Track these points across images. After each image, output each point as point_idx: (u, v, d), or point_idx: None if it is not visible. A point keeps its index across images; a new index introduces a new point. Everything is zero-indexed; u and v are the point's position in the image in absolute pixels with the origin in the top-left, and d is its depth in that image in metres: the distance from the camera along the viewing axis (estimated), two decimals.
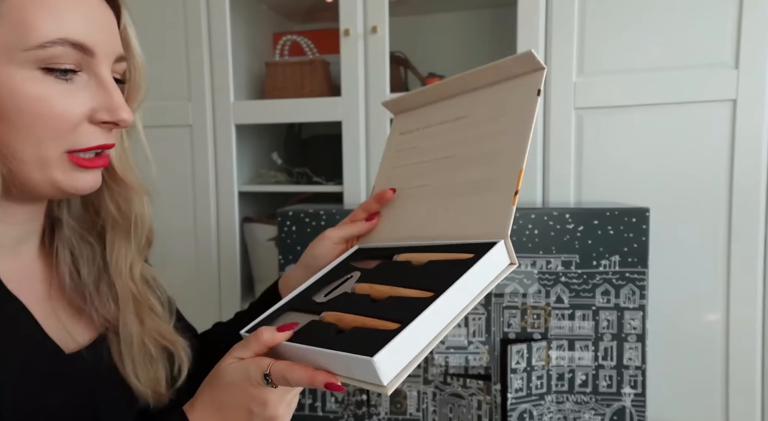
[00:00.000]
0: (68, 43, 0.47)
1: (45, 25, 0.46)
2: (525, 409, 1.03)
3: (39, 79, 0.47)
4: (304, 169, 1.43)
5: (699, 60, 1.09)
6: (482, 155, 0.56)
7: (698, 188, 1.11)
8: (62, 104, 0.48)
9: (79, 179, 0.51)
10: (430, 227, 0.58)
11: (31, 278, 0.57)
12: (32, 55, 0.46)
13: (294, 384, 0.46)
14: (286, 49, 1.41)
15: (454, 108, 0.62)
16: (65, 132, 0.49)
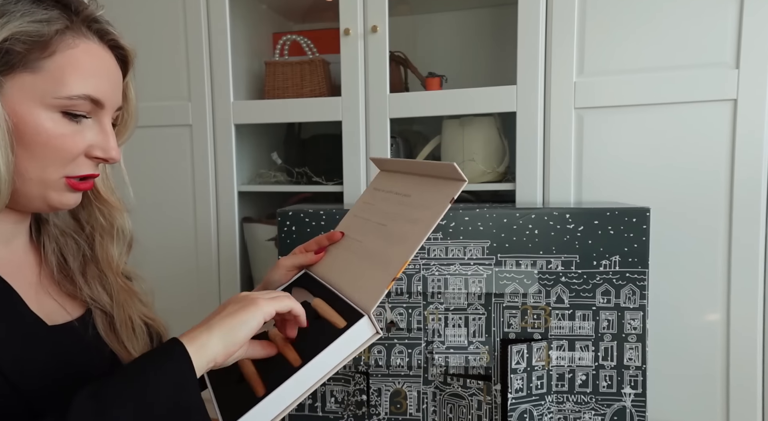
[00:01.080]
0: (89, 99, 0.60)
1: (75, 83, 0.59)
2: (525, 409, 1.03)
3: (58, 120, 0.60)
4: (304, 169, 1.43)
5: (699, 60, 1.09)
6: (396, 235, 0.68)
7: (699, 188, 1.11)
8: (71, 141, 0.61)
9: (66, 198, 0.63)
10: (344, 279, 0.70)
11: (22, 267, 0.67)
12: (60, 102, 0.59)
13: None
14: (286, 48, 1.41)
15: (409, 184, 0.74)
16: (67, 161, 0.61)
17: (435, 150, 1.39)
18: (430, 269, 1.06)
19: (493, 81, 1.25)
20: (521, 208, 1.06)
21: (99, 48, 0.62)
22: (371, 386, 1.08)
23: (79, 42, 0.60)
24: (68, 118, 0.60)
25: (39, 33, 0.57)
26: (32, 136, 0.58)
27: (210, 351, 0.55)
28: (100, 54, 0.62)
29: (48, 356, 0.62)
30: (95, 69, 0.61)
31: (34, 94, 0.58)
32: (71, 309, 0.69)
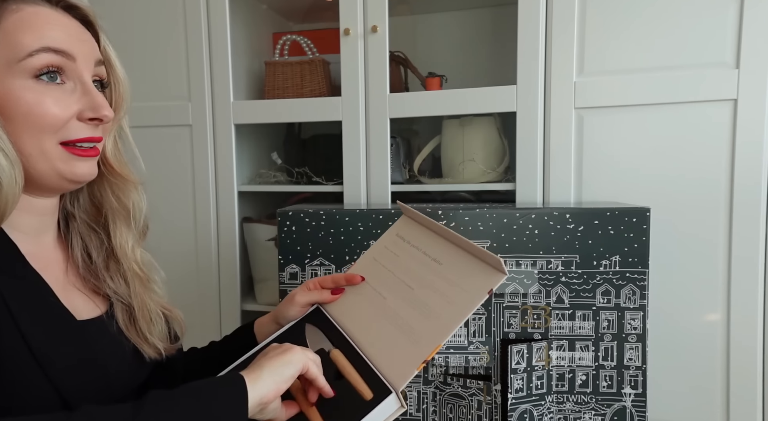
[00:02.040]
0: (50, 50, 0.59)
1: (30, 40, 0.59)
2: (525, 409, 1.03)
3: (33, 86, 0.59)
4: (304, 169, 1.43)
5: (699, 60, 1.09)
6: (427, 306, 0.67)
7: (699, 188, 1.11)
8: (54, 105, 0.60)
9: (77, 167, 0.63)
10: (364, 333, 0.70)
11: (50, 261, 0.68)
12: (24, 65, 0.58)
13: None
14: (286, 48, 1.41)
15: (441, 250, 0.73)
16: (58, 128, 0.60)
17: (435, 150, 1.39)
18: None
19: (493, 81, 1.25)
20: (521, 208, 1.06)
21: (49, 10, 0.62)
22: None
23: (24, 6, 0.60)
24: (43, 82, 0.59)
25: None
26: (14, 110, 0.58)
27: (263, 386, 0.57)
28: (52, 14, 0.61)
29: (76, 349, 0.63)
30: (48, 24, 0.60)
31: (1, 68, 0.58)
32: (97, 304, 0.71)
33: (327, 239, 1.10)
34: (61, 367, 0.60)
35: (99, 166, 0.68)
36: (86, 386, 0.63)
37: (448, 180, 1.32)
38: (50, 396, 0.59)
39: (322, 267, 1.11)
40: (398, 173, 1.33)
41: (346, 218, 1.09)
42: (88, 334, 0.66)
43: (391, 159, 1.27)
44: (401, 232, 0.81)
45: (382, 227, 1.08)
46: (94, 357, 0.65)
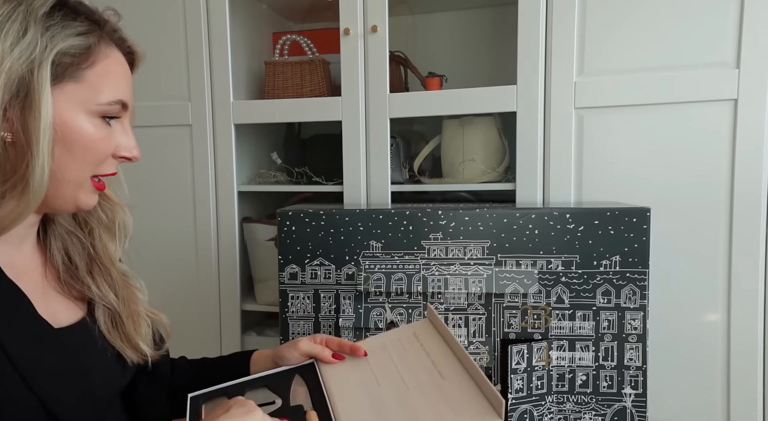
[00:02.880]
0: (121, 103, 0.66)
1: (111, 90, 0.65)
2: (525, 409, 1.03)
3: (98, 125, 0.65)
4: (304, 169, 1.42)
5: (700, 60, 1.09)
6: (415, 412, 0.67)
7: (699, 188, 1.11)
8: (106, 143, 0.66)
9: (92, 198, 0.68)
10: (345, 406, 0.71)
11: (29, 268, 0.69)
12: (100, 108, 0.64)
13: None
14: (286, 48, 1.41)
15: (449, 365, 0.73)
16: (100, 162, 0.66)
17: (435, 150, 1.39)
18: (430, 269, 1.06)
19: (493, 81, 1.25)
20: (521, 209, 1.06)
21: (121, 55, 0.68)
22: None
23: (110, 52, 0.66)
24: (105, 122, 0.65)
25: (83, 46, 0.63)
26: (77, 141, 0.63)
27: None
28: (123, 61, 0.69)
29: (56, 357, 0.64)
30: (122, 75, 0.68)
31: (78, 102, 0.63)
32: (76, 310, 0.72)
33: (327, 239, 1.10)
34: (42, 374, 0.61)
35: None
36: (68, 392, 0.64)
37: (448, 180, 1.32)
38: (32, 404, 0.60)
39: (321, 267, 1.11)
40: (398, 173, 1.32)
41: (346, 217, 1.09)
42: (67, 341, 0.67)
43: (391, 159, 1.27)
44: (418, 332, 0.82)
45: (382, 227, 1.08)
46: (75, 364, 0.66)
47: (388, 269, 1.07)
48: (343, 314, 1.08)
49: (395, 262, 1.08)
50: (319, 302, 1.11)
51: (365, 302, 1.07)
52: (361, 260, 1.09)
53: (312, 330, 1.11)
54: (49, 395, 0.61)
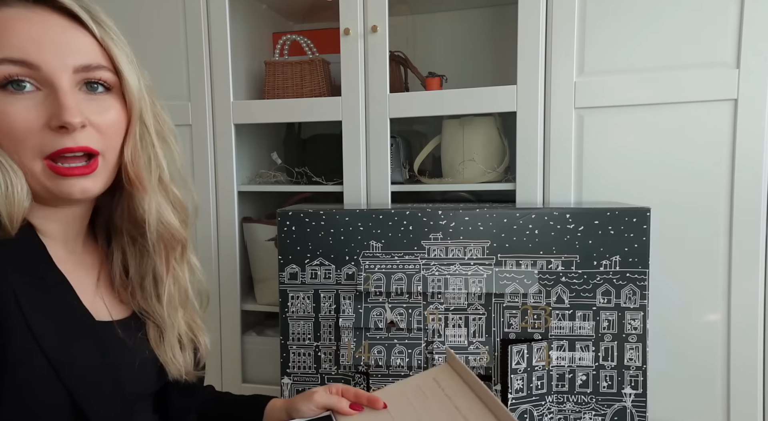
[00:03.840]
0: (9, 62, 0.56)
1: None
2: (525, 409, 1.03)
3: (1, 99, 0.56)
4: (304, 169, 1.42)
5: (700, 59, 1.09)
6: None
7: (699, 188, 1.11)
8: (19, 117, 0.56)
9: (64, 186, 0.59)
10: None
11: (79, 267, 0.68)
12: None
13: None
14: (286, 48, 1.41)
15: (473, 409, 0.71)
16: (30, 142, 0.57)
17: (435, 150, 1.39)
18: (430, 269, 1.06)
19: (493, 81, 1.25)
20: (521, 209, 1.06)
21: (20, 10, 0.58)
22: (371, 387, 1.08)
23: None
24: (10, 92, 0.56)
25: None
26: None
27: None
28: (22, 15, 0.57)
29: (91, 348, 0.62)
30: (12, 30, 0.56)
31: None
32: (122, 309, 0.71)
33: (327, 239, 1.10)
34: (74, 367, 0.59)
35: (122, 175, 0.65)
36: (98, 387, 0.62)
37: (448, 180, 1.32)
38: (60, 395, 0.58)
39: (322, 267, 1.11)
40: (398, 173, 1.32)
41: (346, 217, 1.09)
42: (105, 335, 0.65)
43: (391, 159, 1.27)
44: (438, 377, 0.79)
45: (382, 227, 1.08)
46: (110, 359, 0.64)
47: (388, 269, 1.07)
48: (343, 314, 1.08)
49: (395, 262, 1.08)
50: (319, 302, 1.11)
51: (365, 302, 1.07)
52: (361, 260, 1.09)
53: (312, 330, 1.11)
54: (77, 386, 0.59)
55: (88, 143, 0.60)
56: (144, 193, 0.66)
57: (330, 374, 1.11)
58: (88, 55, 0.60)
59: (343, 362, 1.08)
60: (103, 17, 0.62)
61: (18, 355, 0.56)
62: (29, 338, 0.56)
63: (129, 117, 0.64)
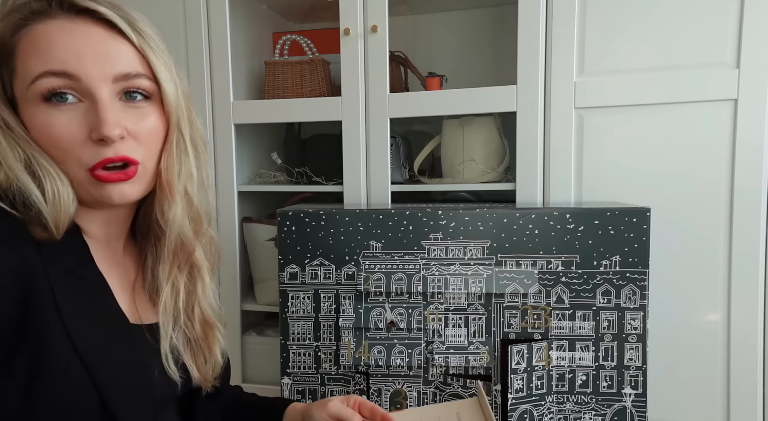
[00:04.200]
0: (51, 74, 0.57)
1: (34, 65, 0.58)
2: (525, 409, 1.03)
3: (44, 111, 0.58)
4: (304, 169, 1.42)
5: (700, 59, 1.09)
6: None
7: (699, 188, 1.11)
8: (63, 129, 0.58)
9: (105, 191, 0.61)
10: None
11: (119, 268, 0.70)
12: (32, 90, 0.58)
13: None
14: (286, 48, 1.41)
15: None
16: (73, 153, 0.59)
17: (435, 150, 1.39)
18: (430, 269, 1.06)
19: (493, 81, 1.25)
20: (521, 209, 1.06)
21: (63, 22, 0.59)
22: (371, 387, 1.08)
23: (36, 25, 0.58)
24: (54, 105, 0.58)
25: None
26: (38, 138, 0.59)
27: None
28: (61, 29, 0.59)
29: (124, 351, 0.64)
30: (52, 43, 0.58)
31: (22, 96, 0.59)
32: (149, 316, 0.72)
33: (327, 239, 1.10)
34: (106, 368, 0.61)
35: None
36: (129, 389, 0.63)
37: (448, 180, 1.32)
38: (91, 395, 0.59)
39: (322, 267, 1.11)
40: (398, 173, 1.32)
41: (346, 217, 1.09)
42: (138, 338, 0.67)
43: (391, 159, 1.27)
44: (462, 412, 0.79)
45: (382, 227, 1.08)
46: (142, 362, 0.66)
47: (388, 269, 1.07)
48: (343, 314, 1.08)
49: (395, 262, 1.08)
50: (319, 302, 1.11)
51: (365, 302, 1.07)
52: (361, 260, 1.09)
53: (312, 330, 1.11)
54: (109, 389, 0.60)
55: (127, 153, 0.61)
56: (172, 201, 0.67)
57: (330, 374, 1.11)
58: (128, 63, 0.62)
59: (343, 362, 1.08)
60: (141, 26, 0.63)
61: (52, 354, 0.57)
62: (64, 339, 0.58)
63: (167, 125, 0.66)
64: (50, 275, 0.59)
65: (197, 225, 0.72)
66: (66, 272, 0.60)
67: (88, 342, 0.60)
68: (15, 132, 0.58)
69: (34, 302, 0.57)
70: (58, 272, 0.60)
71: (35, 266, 0.58)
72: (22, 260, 0.57)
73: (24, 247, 0.58)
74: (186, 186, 0.68)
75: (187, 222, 0.70)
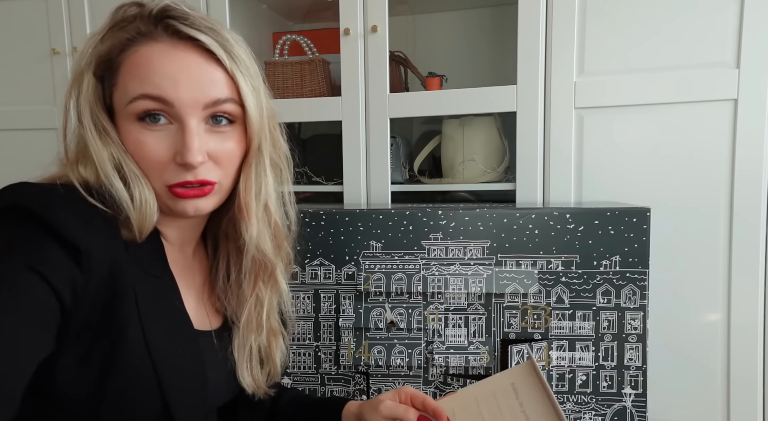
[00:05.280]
0: (148, 97, 0.61)
1: (133, 86, 0.61)
2: None
3: (137, 129, 0.62)
4: (304, 169, 1.42)
5: (700, 59, 1.09)
6: None
7: (699, 188, 1.11)
8: (152, 148, 0.62)
9: (180, 205, 0.64)
10: None
11: (188, 270, 0.73)
12: (129, 109, 0.61)
13: None
14: (286, 48, 1.41)
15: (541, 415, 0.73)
16: (158, 169, 0.63)
17: (435, 150, 1.39)
18: (430, 269, 1.06)
19: (493, 81, 1.25)
20: (521, 209, 1.06)
21: (165, 46, 0.62)
22: (371, 386, 1.08)
23: (141, 48, 0.62)
24: (146, 124, 0.62)
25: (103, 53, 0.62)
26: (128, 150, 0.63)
27: None
28: (162, 53, 0.62)
29: (188, 358, 0.66)
30: (152, 68, 0.61)
31: (119, 110, 0.63)
32: (216, 318, 0.75)
33: (327, 239, 1.10)
34: (170, 369, 0.63)
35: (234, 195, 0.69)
36: (187, 392, 0.65)
37: (448, 180, 1.32)
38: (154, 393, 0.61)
39: (322, 267, 1.11)
40: (398, 173, 1.33)
41: (346, 218, 1.09)
42: (201, 345, 0.69)
43: (391, 159, 1.27)
44: (517, 381, 0.78)
45: (382, 227, 1.08)
46: (200, 368, 0.68)
47: (388, 269, 1.07)
48: (343, 314, 1.08)
49: (395, 262, 1.08)
50: (319, 302, 1.11)
51: (365, 302, 1.07)
52: (361, 260, 1.09)
53: (312, 330, 1.11)
54: (169, 387, 0.62)
55: (206, 176, 0.64)
56: (249, 223, 0.69)
57: (330, 374, 1.11)
58: (219, 89, 0.64)
59: (343, 362, 1.08)
60: (237, 51, 0.65)
61: (126, 350, 0.60)
62: (140, 338, 0.61)
63: (248, 147, 0.67)
64: (132, 271, 0.61)
65: (279, 241, 0.74)
66: (143, 271, 0.63)
67: (158, 344, 0.62)
68: (111, 137, 0.62)
69: (120, 295, 0.60)
70: (137, 270, 0.62)
71: (122, 261, 0.61)
72: (117, 254, 0.60)
73: (118, 242, 0.61)
74: (266, 203, 0.71)
75: (267, 239, 0.72)
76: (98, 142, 0.62)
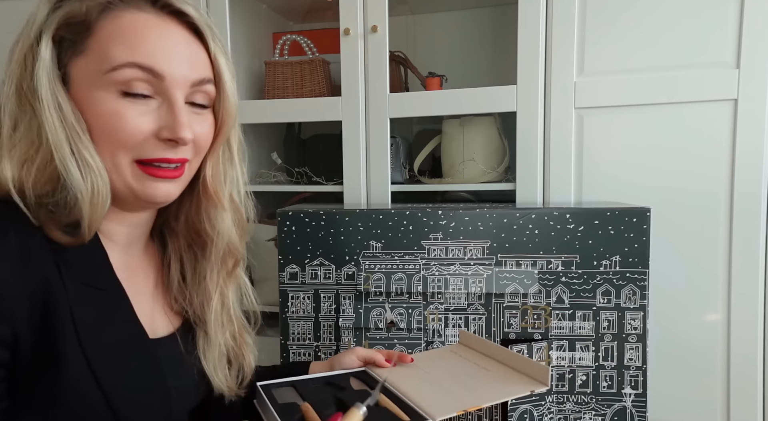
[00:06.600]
0: (137, 67, 0.56)
1: (119, 52, 0.56)
2: (525, 409, 1.03)
3: (116, 100, 0.56)
4: (304, 169, 1.42)
5: (700, 60, 1.09)
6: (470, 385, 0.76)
7: (699, 188, 1.11)
8: (132, 122, 0.57)
9: (150, 187, 0.60)
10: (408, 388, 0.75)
11: (136, 272, 0.68)
12: (109, 78, 0.56)
13: None
14: (286, 48, 1.41)
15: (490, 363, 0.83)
16: (132, 144, 0.57)
17: (435, 150, 1.39)
18: (430, 269, 1.06)
19: (493, 81, 1.25)
20: (521, 209, 1.06)
21: (150, 18, 0.58)
22: None
23: (124, 13, 0.57)
24: (128, 98, 0.57)
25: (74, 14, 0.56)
26: (95, 122, 0.56)
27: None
28: (151, 23, 0.58)
29: (142, 367, 0.62)
30: (141, 36, 0.57)
31: (88, 78, 0.56)
32: (173, 320, 0.71)
33: (327, 239, 1.10)
34: (124, 389, 0.59)
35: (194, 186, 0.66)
36: (147, 410, 0.62)
37: (448, 180, 1.32)
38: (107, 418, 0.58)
39: (322, 267, 1.11)
40: (398, 173, 1.32)
41: (346, 218, 1.09)
42: (157, 353, 0.65)
43: (391, 159, 1.27)
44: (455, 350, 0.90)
45: (382, 227, 1.08)
46: (159, 379, 0.64)
47: (388, 269, 1.07)
48: (343, 314, 1.08)
49: (395, 262, 1.08)
50: (319, 302, 1.11)
51: (365, 302, 1.07)
52: (361, 260, 1.09)
53: (312, 330, 1.11)
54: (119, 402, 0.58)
55: (186, 155, 0.62)
56: (221, 208, 0.67)
57: None
58: (204, 69, 0.62)
59: None
60: (217, 33, 0.64)
61: (69, 379, 0.55)
62: (82, 362, 0.56)
63: (217, 132, 0.65)
64: (69, 290, 0.56)
65: (243, 232, 0.72)
66: (84, 284, 0.58)
67: (105, 364, 0.57)
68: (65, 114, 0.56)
69: (54, 324, 0.55)
70: (76, 284, 0.57)
71: (54, 283, 0.55)
72: (43, 280, 0.54)
73: (44, 262, 0.55)
74: (232, 193, 0.69)
75: (234, 229, 0.70)
76: (56, 122, 0.55)
